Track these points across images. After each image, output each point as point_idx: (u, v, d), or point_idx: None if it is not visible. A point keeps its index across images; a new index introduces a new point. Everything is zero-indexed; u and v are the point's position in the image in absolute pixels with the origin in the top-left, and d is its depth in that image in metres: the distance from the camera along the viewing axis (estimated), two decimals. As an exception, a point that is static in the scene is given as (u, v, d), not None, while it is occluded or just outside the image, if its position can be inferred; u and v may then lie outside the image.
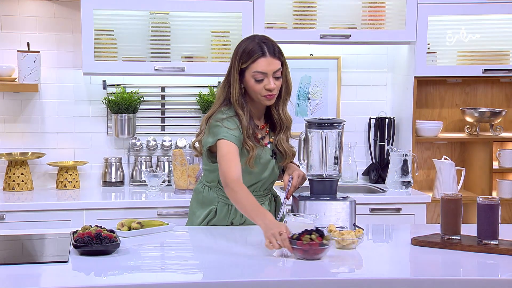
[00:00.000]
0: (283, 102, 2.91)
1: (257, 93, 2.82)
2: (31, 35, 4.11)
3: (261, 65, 2.79)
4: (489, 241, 2.54)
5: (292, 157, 2.98)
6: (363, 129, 4.48)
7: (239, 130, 2.81)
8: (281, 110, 2.91)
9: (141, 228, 2.77)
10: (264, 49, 2.80)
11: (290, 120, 2.95)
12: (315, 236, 2.40)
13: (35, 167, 4.17)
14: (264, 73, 2.79)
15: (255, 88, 2.81)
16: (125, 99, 4.11)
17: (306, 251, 2.39)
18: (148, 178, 4.03)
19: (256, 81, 2.80)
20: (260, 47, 2.81)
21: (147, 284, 2.21)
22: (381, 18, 4.20)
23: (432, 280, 2.26)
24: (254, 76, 2.79)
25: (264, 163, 2.90)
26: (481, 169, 4.29)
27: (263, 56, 2.79)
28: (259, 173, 2.90)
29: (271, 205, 3.03)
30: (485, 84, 4.48)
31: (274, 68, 2.80)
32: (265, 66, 2.79)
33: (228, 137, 2.77)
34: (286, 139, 2.94)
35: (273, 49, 2.82)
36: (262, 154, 2.89)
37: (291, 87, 2.92)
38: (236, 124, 2.82)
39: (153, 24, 4.07)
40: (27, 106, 4.16)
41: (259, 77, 2.79)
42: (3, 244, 2.61)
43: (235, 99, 2.83)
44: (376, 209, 3.90)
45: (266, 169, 2.92)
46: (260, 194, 2.96)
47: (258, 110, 2.92)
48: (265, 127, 2.96)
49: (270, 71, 2.79)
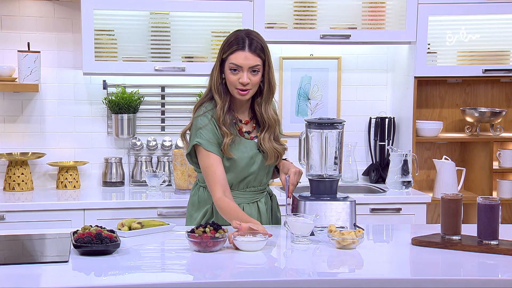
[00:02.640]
0: (265, 101, 2.92)
1: (231, 85, 2.85)
2: (31, 35, 4.11)
3: (237, 58, 2.81)
4: (489, 241, 2.54)
5: (276, 159, 2.95)
6: (363, 129, 4.48)
7: (211, 124, 2.84)
8: (263, 109, 2.92)
9: (141, 228, 2.77)
10: (245, 43, 2.82)
11: (274, 121, 2.94)
12: (209, 230, 2.49)
13: (35, 167, 4.17)
14: (239, 66, 2.81)
15: (229, 78, 2.85)
16: (125, 99, 4.11)
17: (198, 243, 2.47)
18: (148, 178, 4.03)
19: (231, 72, 2.83)
20: (242, 40, 2.83)
21: (148, 284, 2.21)
22: (381, 18, 4.20)
23: (432, 280, 2.26)
24: (230, 67, 2.83)
25: (251, 157, 2.91)
26: (481, 169, 4.29)
27: (241, 49, 2.81)
28: (246, 167, 2.90)
29: (267, 204, 3.04)
30: (485, 84, 4.48)
31: (250, 63, 2.81)
32: (242, 59, 2.81)
33: (204, 144, 2.82)
34: (268, 138, 2.93)
35: (255, 45, 2.82)
36: (247, 147, 2.91)
37: (274, 87, 2.92)
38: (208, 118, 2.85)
39: (153, 24, 4.08)
40: (27, 106, 4.16)
41: (234, 68, 2.82)
42: (3, 244, 2.61)
43: (214, 87, 2.88)
44: (376, 209, 3.90)
45: (254, 163, 2.92)
46: (255, 190, 2.96)
47: (241, 104, 2.94)
48: (249, 122, 2.97)
49: (245, 65, 2.81)
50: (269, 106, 2.94)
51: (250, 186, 2.95)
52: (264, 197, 3.03)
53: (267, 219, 3.02)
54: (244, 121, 2.96)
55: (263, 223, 2.96)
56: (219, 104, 2.86)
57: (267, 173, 2.99)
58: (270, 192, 3.08)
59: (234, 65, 2.82)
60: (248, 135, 2.95)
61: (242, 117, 2.96)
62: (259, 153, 2.93)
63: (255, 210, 2.98)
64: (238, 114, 2.95)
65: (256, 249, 2.51)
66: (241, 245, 2.51)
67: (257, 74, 2.84)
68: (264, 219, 2.99)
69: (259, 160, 2.93)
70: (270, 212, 3.05)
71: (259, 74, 2.85)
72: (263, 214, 3.00)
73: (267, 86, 2.89)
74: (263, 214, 2.99)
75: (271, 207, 3.06)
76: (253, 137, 2.95)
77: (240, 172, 2.89)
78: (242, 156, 2.89)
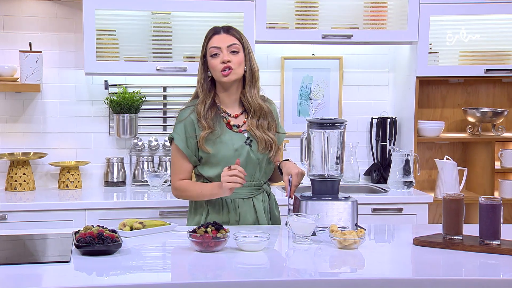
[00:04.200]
0: (250, 86, 2.99)
1: (215, 71, 2.94)
2: (33, 35, 4.11)
3: (214, 41, 2.95)
4: (491, 241, 2.54)
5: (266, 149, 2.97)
6: (365, 129, 4.48)
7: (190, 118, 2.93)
8: (248, 94, 2.99)
9: (143, 228, 2.77)
10: (217, 29, 2.99)
11: (259, 106, 2.99)
12: (211, 230, 2.49)
13: (37, 167, 4.17)
14: (218, 48, 2.93)
15: (212, 64, 2.93)
16: (127, 99, 4.11)
17: (200, 243, 2.46)
18: (150, 178, 4.03)
19: (212, 58, 2.93)
20: (217, 28, 3.00)
21: (149, 284, 2.21)
22: (383, 18, 4.20)
23: (434, 280, 2.26)
24: (210, 52, 2.94)
25: (236, 149, 2.94)
26: (483, 169, 4.29)
27: (215, 34, 2.97)
28: (232, 160, 2.90)
29: (264, 201, 3.03)
30: (487, 84, 4.48)
31: (228, 42, 2.93)
32: (218, 41, 2.94)
33: (175, 138, 2.96)
34: (256, 124, 2.98)
35: (227, 28, 2.98)
36: (233, 139, 2.95)
37: (256, 72, 3.00)
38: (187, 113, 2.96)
39: (155, 24, 4.08)
40: (29, 106, 4.16)
41: (214, 52, 2.93)
42: (5, 244, 2.61)
43: (199, 85, 3.00)
44: (378, 209, 3.90)
45: (239, 155, 2.93)
46: (247, 185, 2.96)
47: (229, 98, 3.00)
48: (240, 115, 3.01)
49: (223, 45, 2.93)
50: (254, 92, 2.99)
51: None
52: (261, 195, 3.03)
53: (264, 217, 3.02)
54: (233, 115, 3.00)
55: (260, 222, 2.99)
56: (200, 98, 2.97)
57: (259, 167, 2.99)
58: (268, 190, 3.08)
59: (214, 48, 2.93)
60: (237, 128, 2.99)
61: (231, 111, 3.01)
62: (245, 146, 2.96)
63: (250, 207, 2.98)
64: (227, 108, 3.01)
65: (257, 249, 2.51)
66: (242, 245, 2.51)
67: (237, 54, 2.94)
68: (260, 217, 3.00)
69: (246, 152, 2.95)
70: (268, 210, 3.05)
71: (239, 54, 2.94)
72: (260, 212, 2.99)
73: (249, 71, 2.98)
74: (259, 212, 2.99)
75: (268, 205, 3.06)
76: (243, 131, 2.98)
77: (226, 164, 2.89)
78: (227, 147, 2.93)
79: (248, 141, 2.97)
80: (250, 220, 2.98)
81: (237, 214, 2.97)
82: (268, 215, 3.05)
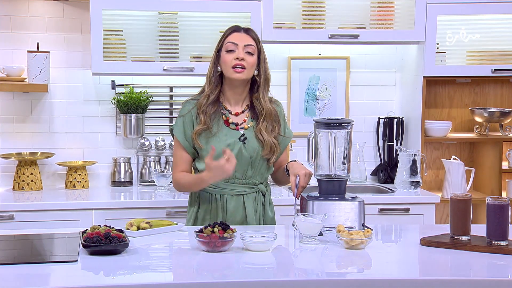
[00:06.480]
0: (262, 92, 3.01)
1: (227, 66, 2.94)
2: (40, 35, 4.12)
3: (233, 37, 2.98)
4: (498, 242, 2.53)
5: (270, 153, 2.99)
6: (371, 129, 4.47)
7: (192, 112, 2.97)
8: (260, 100, 3.00)
9: (150, 228, 2.78)
10: (238, 27, 3.02)
11: (270, 111, 3.01)
12: (218, 230, 2.49)
13: (45, 167, 4.18)
14: (235, 44, 2.95)
15: (225, 58, 2.95)
16: (134, 99, 4.12)
17: (207, 243, 2.46)
18: (156, 178, 4.04)
19: (227, 53, 2.95)
20: (234, 26, 3.04)
21: (156, 284, 2.21)
22: (390, 18, 4.19)
23: (441, 280, 2.26)
24: (226, 47, 2.96)
25: (228, 144, 2.95)
26: (490, 169, 4.28)
27: (235, 31, 3.00)
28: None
29: (257, 201, 3.02)
30: (494, 84, 4.47)
31: (245, 41, 2.96)
32: (237, 38, 2.97)
33: (175, 131, 3.02)
34: (266, 129, 2.99)
35: (247, 29, 3.02)
36: (228, 134, 2.97)
37: (269, 78, 3.02)
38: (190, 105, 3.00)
39: (161, 24, 4.08)
40: (36, 106, 4.17)
41: (230, 47, 2.95)
42: (13, 244, 2.62)
43: (207, 78, 3.02)
44: (385, 209, 3.90)
45: (231, 150, 2.91)
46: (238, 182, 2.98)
47: (234, 97, 3.01)
48: (241, 114, 3.02)
49: (241, 43, 2.95)
50: (266, 97, 3.01)
51: (232, 176, 2.93)
52: (254, 194, 3.02)
53: (254, 218, 3.00)
54: (234, 113, 3.02)
55: (249, 221, 2.99)
56: (206, 91, 2.99)
57: (251, 165, 2.99)
58: (264, 191, 3.06)
59: (231, 43, 2.95)
60: (234, 126, 3.00)
61: (233, 109, 3.02)
62: (239, 142, 2.97)
63: (239, 204, 2.98)
64: (229, 106, 3.02)
65: (264, 249, 2.51)
66: (249, 245, 2.51)
67: (251, 56, 2.95)
68: (249, 216, 2.98)
69: (238, 148, 2.95)
70: (262, 211, 3.04)
71: (254, 57, 2.96)
72: (249, 211, 2.98)
73: (263, 77, 2.99)
74: (249, 211, 2.98)
75: (262, 206, 3.05)
76: (239, 128, 3.00)
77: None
78: (220, 142, 2.94)
79: (243, 137, 2.98)
80: (238, 217, 2.98)
81: (224, 211, 2.97)
82: (261, 215, 3.04)
